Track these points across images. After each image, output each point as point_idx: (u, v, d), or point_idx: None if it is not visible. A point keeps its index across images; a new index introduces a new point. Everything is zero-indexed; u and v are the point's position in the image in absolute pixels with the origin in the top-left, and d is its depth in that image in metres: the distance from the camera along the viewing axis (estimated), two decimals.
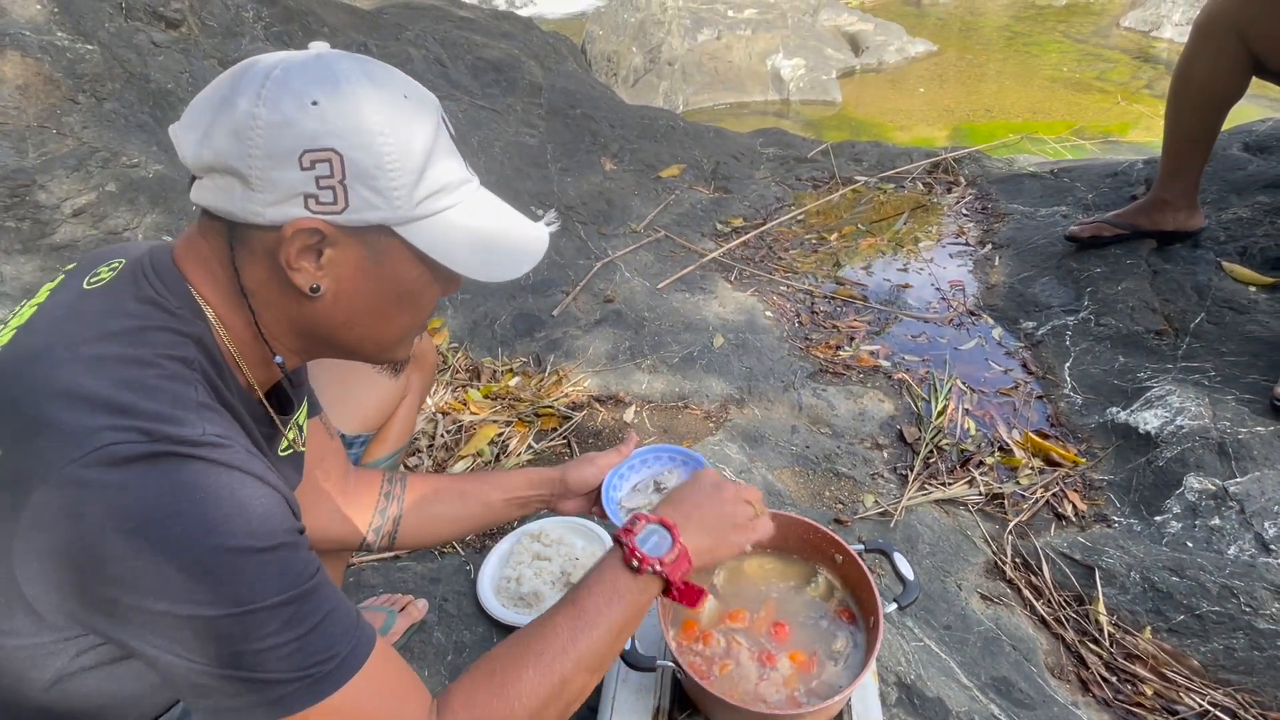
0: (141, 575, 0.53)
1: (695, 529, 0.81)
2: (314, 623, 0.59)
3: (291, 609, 0.57)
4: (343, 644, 0.60)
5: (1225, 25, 1.80)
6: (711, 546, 0.82)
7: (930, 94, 6.12)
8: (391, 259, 0.67)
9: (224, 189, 0.62)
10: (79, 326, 0.61)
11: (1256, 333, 1.79)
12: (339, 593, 0.63)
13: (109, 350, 0.59)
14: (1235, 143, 2.44)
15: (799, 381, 1.98)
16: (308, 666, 0.58)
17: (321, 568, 0.62)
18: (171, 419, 0.57)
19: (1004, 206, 2.69)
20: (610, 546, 0.80)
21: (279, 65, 0.62)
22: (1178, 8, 6.58)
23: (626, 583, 0.76)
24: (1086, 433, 1.75)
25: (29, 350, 0.61)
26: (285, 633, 0.57)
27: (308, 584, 0.59)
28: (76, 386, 0.57)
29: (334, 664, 0.59)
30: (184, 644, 0.55)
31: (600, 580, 0.76)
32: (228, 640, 0.55)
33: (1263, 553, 1.36)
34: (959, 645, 1.33)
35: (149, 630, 0.55)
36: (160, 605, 0.54)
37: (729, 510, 0.85)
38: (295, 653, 0.57)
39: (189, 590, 0.54)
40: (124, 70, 2.51)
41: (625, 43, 6.44)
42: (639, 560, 0.76)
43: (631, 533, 0.78)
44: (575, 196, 2.93)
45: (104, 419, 0.55)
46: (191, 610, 0.54)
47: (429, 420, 1.91)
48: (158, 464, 0.55)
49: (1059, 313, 2.09)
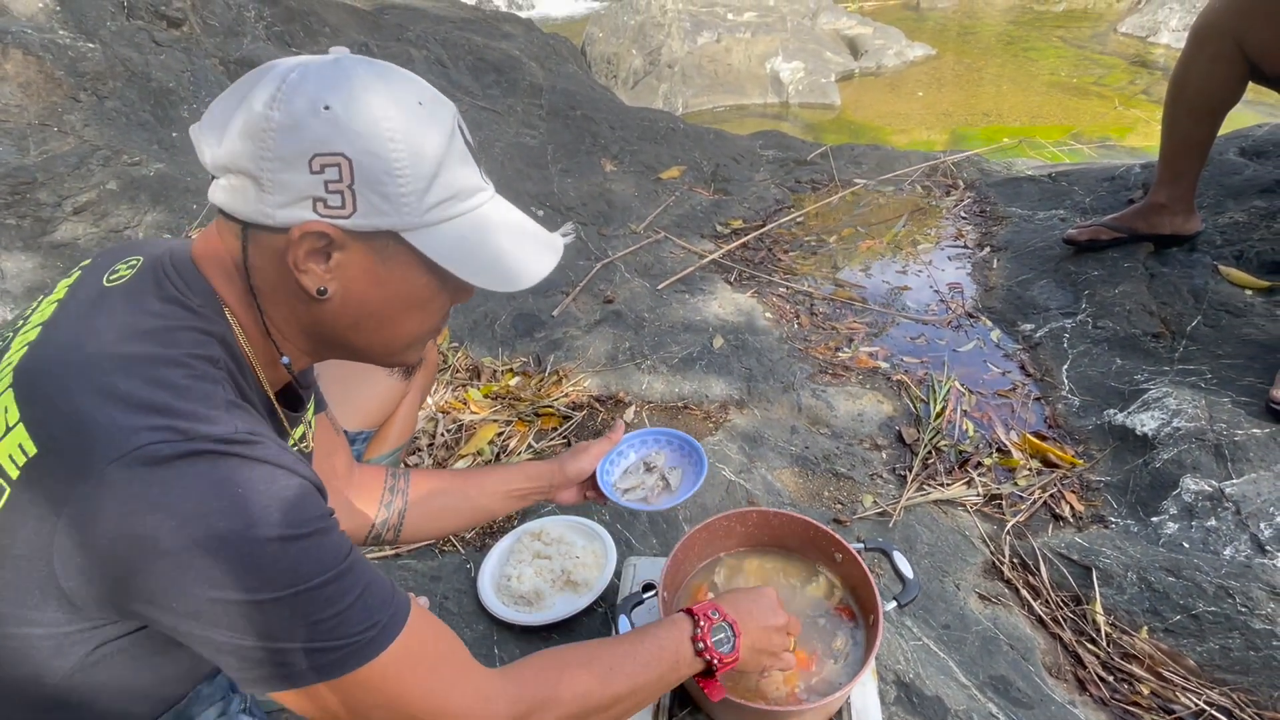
0: (188, 568, 0.56)
1: (749, 644, 0.90)
2: (353, 598, 0.61)
3: (332, 587, 0.60)
4: (382, 613, 0.63)
5: (1222, 31, 1.81)
6: (749, 661, 0.92)
7: (929, 98, 6.14)
8: (399, 265, 0.67)
9: (238, 190, 0.63)
10: (106, 325, 0.63)
11: (1253, 336, 1.80)
12: (371, 567, 0.66)
13: (139, 350, 0.61)
14: (1232, 147, 2.45)
15: (798, 382, 1.98)
16: (352, 635, 0.61)
17: (354, 547, 0.65)
18: (205, 418, 0.59)
19: (1002, 209, 2.71)
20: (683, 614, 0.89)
21: (296, 69, 0.63)
22: (1175, 13, 6.61)
23: (686, 656, 0.86)
24: (1084, 434, 1.76)
25: (60, 349, 0.62)
26: (328, 608, 0.60)
27: (344, 563, 0.62)
28: (111, 386, 0.58)
29: (376, 630, 0.62)
30: (232, 626, 0.57)
31: (669, 639, 0.86)
32: (275, 620, 0.58)
33: (1258, 553, 1.37)
34: (957, 644, 1.34)
35: (196, 616, 0.57)
36: (209, 593, 0.56)
37: (777, 640, 0.94)
38: (339, 625, 0.60)
39: (235, 579, 0.56)
40: (125, 69, 2.51)
41: (625, 45, 6.45)
42: (705, 648, 0.86)
43: (711, 621, 0.88)
44: (575, 197, 2.94)
45: (140, 418, 0.57)
46: (239, 596, 0.57)
47: (429, 419, 1.92)
48: (196, 462, 0.57)
49: (1057, 315, 2.11)
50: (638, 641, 0.84)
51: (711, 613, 0.88)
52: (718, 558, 1.19)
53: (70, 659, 0.63)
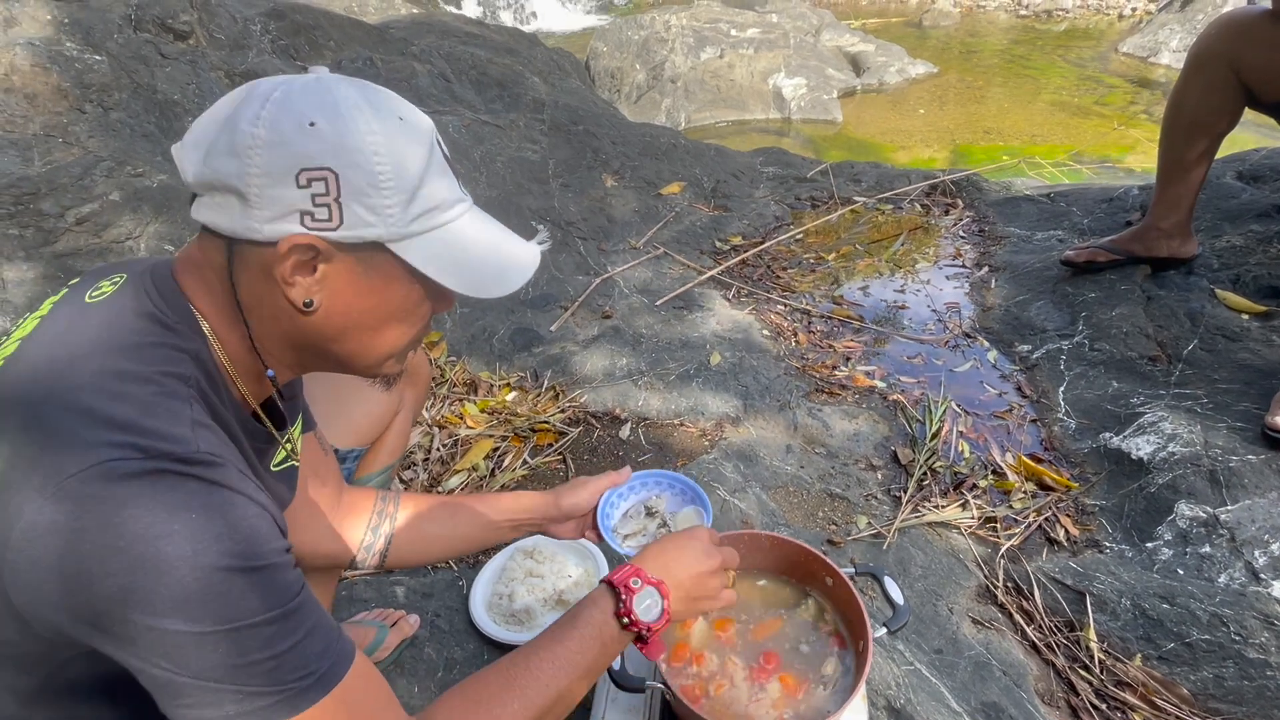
0: (131, 591, 0.54)
1: (681, 596, 0.88)
2: (295, 640, 0.60)
3: (274, 627, 0.59)
4: (322, 661, 0.62)
5: (1218, 57, 1.82)
6: (684, 611, 0.90)
7: (930, 115, 6.17)
8: (384, 275, 0.68)
9: (223, 206, 0.64)
10: (80, 340, 0.63)
11: (1249, 361, 1.80)
12: (320, 610, 0.64)
13: (110, 365, 0.61)
14: (1229, 171, 2.46)
15: (795, 401, 1.98)
16: (287, 682, 0.59)
17: (305, 586, 0.63)
18: (168, 436, 0.58)
19: (1001, 229, 2.72)
20: (603, 588, 0.85)
21: (279, 87, 0.64)
22: (1175, 35, 6.65)
23: (613, 634, 0.83)
24: (1080, 457, 1.76)
25: (32, 363, 0.62)
26: (267, 649, 0.58)
27: (291, 603, 0.60)
28: (77, 400, 0.58)
29: (312, 680, 0.61)
30: (169, 656, 0.56)
31: (590, 623, 0.82)
32: (212, 655, 0.56)
33: (1253, 581, 1.37)
34: (949, 670, 1.33)
35: (135, 642, 0.56)
36: (148, 620, 0.55)
37: (711, 583, 0.91)
38: (276, 669, 0.59)
39: (177, 607, 0.55)
40: (131, 81, 2.53)
41: (629, 60, 6.50)
42: (630, 619, 0.83)
43: (632, 592, 0.84)
44: (576, 212, 2.96)
45: (103, 434, 0.57)
46: (179, 626, 0.55)
47: (425, 433, 1.92)
48: (154, 482, 0.56)
49: (1054, 337, 2.11)
50: (558, 639, 0.80)
51: (633, 581, 0.84)
52: None
53: (35, 676, 0.62)
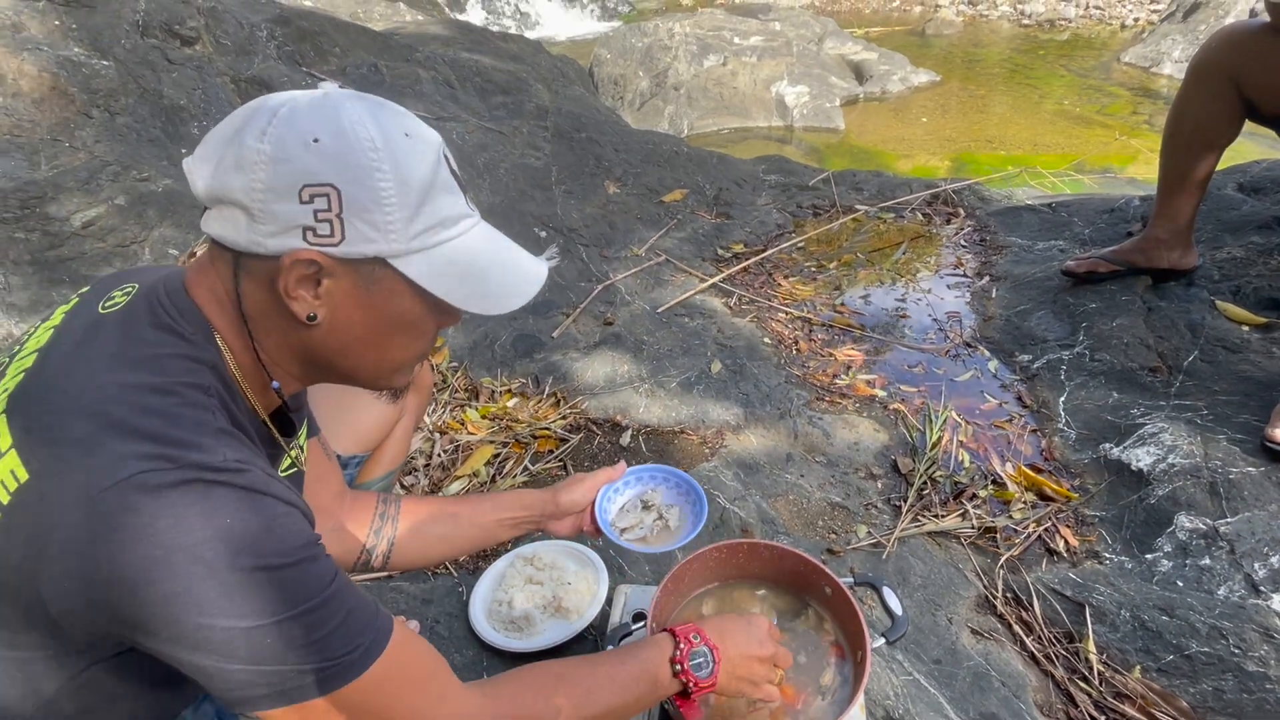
0: (176, 596, 0.57)
1: (729, 671, 0.90)
2: (337, 623, 0.63)
3: (316, 614, 0.61)
4: (365, 635, 0.65)
5: (1219, 70, 1.83)
6: (727, 685, 0.91)
7: (933, 123, 6.19)
8: (387, 290, 0.69)
9: (230, 220, 0.65)
10: (99, 353, 0.64)
11: (1249, 372, 1.81)
12: (356, 590, 0.67)
13: (131, 378, 0.62)
14: (1230, 183, 2.47)
15: (795, 409, 1.99)
16: (336, 657, 0.62)
17: (339, 572, 0.66)
18: (196, 445, 0.60)
19: (1002, 239, 2.72)
20: (666, 634, 0.89)
21: (286, 103, 0.65)
22: (1177, 45, 6.67)
23: (664, 677, 0.87)
24: (1080, 468, 1.76)
25: (53, 376, 0.64)
26: (313, 633, 0.61)
27: (328, 590, 0.63)
28: (104, 413, 0.60)
29: (359, 652, 0.64)
30: (219, 651, 0.58)
31: (649, 660, 0.86)
32: (261, 645, 0.59)
33: (1252, 594, 1.37)
34: (948, 680, 1.33)
35: (182, 641, 0.58)
36: (197, 619, 0.57)
37: (759, 670, 0.93)
38: (322, 649, 0.62)
39: (222, 606, 0.57)
40: (138, 86, 2.55)
41: (632, 67, 6.52)
42: (682, 671, 0.87)
43: (691, 644, 0.88)
44: (578, 219, 2.97)
45: (132, 446, 0.58)
46: (225, 622, 0.58)
47: (426, 439, 1.92)
48: (186, 491, 0.58)
49: (1054, 347, 2.11)
50: (619, 663, 0.85)
51: (693, 635, 0.89)
52: (708, 589, 1.19)
53: (56, 682, 0.63)
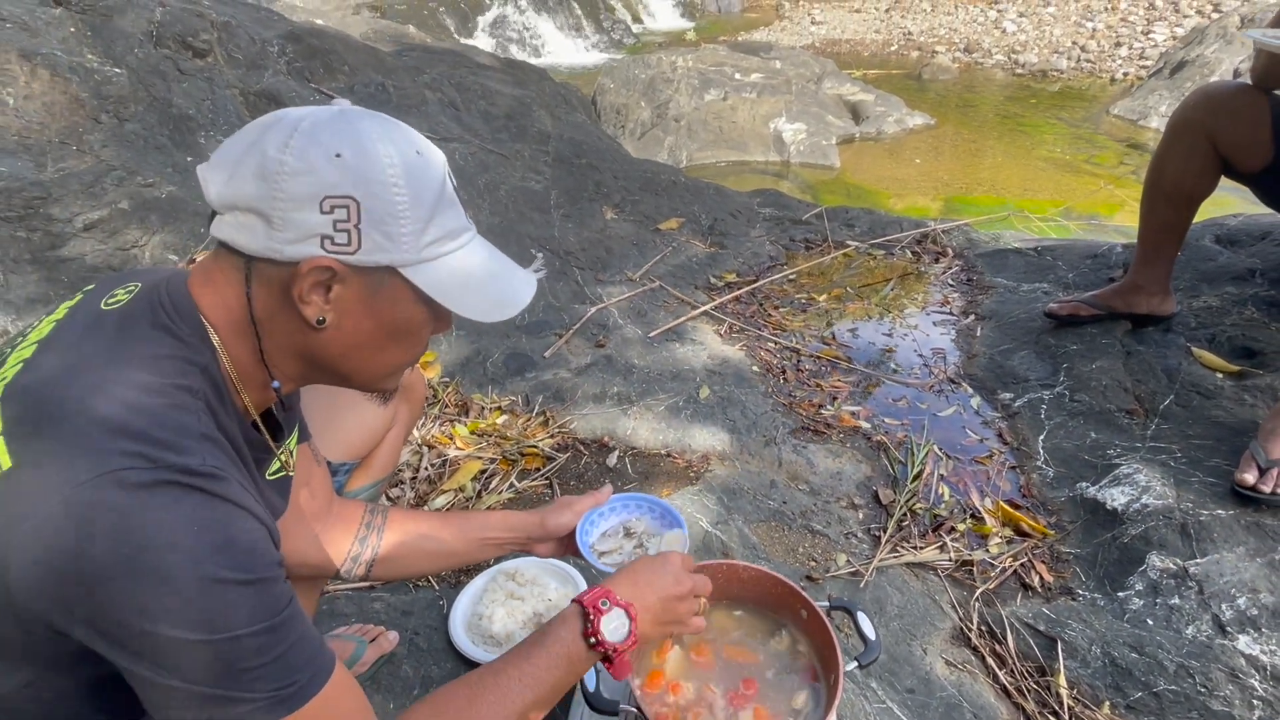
0: (131, 596, 0.57)
1: (650, 618, 0.90)
2: (281, 651, 0.63)
3: (264, 638, 0.62)
4: (304, 672, 0.65)
5: (1195, 127, 1.91)
6: (652, 634, 0.92)
7: (926, 165, 6.33)
8: (392, 297, 0.73)
9: (246, 226, 0.68)
10: (96, 349, 0.66)
11: (1221, 418, 1.85)
12: (306, 621, 0.67)
13: (124, 375, 0.64)
14: (1208, 234, 2.55)
15: (780, 437, 2.02)
16: (270, 690, 0.62)
17: (294, 598, 0.66)
18: (177, 448, 0.62)
19: (988, 279, 2.79)
20: (574, 607, 0.87)
21: (306, 118, 0.69)
22: (1164, 100, 6.87)
23: (580, 653, 0.85)
24: (1056, 505, 1.79)
25: (49, 368, 0.65)
26: (255, 659, 0.61)
27: (281, 615, 0.63)
28: (92, 408, 0.61)
29: (294, 689, 0.64)
30: (160, 661, 0.59)
31: (558, 641, 0.84)
32: (201, 662, 0.59)
33: (1219, 634, 1.39)
34: (921, 710, 1.35)
35: (128, 645, 0.59)
36: (145, 625, 0.58)
37: (680, 608, 0.93)
38: (261, 677, 0.61)
39: (173, 615, 0.58)
40: (148, 94, 2.60)
41: (635, 97, 6.66)
42: (597, 640, 0.84)
43: (600, 612, 0.85)
44: (575, 243, 3.02)
45: (116, 442, 0.59)
46: (173, 633, 0.58)
47: (414, 452, 1.94)
48: (161, 492, 0.59)
49: (1035, 386, 2.16)
50: (526, 656, 0.83)
51: (602, 602, 0.86)
52: None
53: (16, 677, 0.64)
